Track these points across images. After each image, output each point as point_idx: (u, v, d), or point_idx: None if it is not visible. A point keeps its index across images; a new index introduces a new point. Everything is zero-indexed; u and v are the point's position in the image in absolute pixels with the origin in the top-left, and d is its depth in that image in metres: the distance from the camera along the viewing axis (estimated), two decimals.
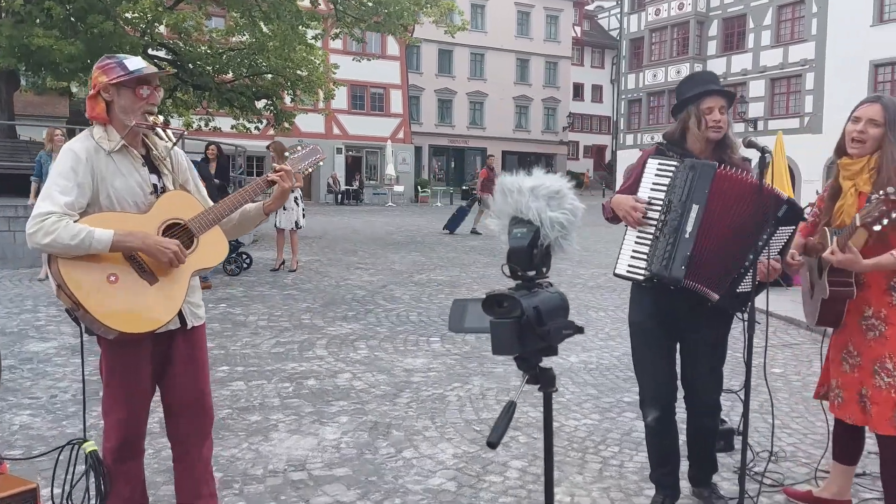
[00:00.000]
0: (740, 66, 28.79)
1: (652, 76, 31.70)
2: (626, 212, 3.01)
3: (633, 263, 3.03)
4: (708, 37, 30.19)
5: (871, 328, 2.86)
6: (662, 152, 3.11)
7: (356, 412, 4.67)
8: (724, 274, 2.94)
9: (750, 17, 28.51)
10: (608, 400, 5.01)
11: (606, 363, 5.98)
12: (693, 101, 3.04)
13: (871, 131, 2.84)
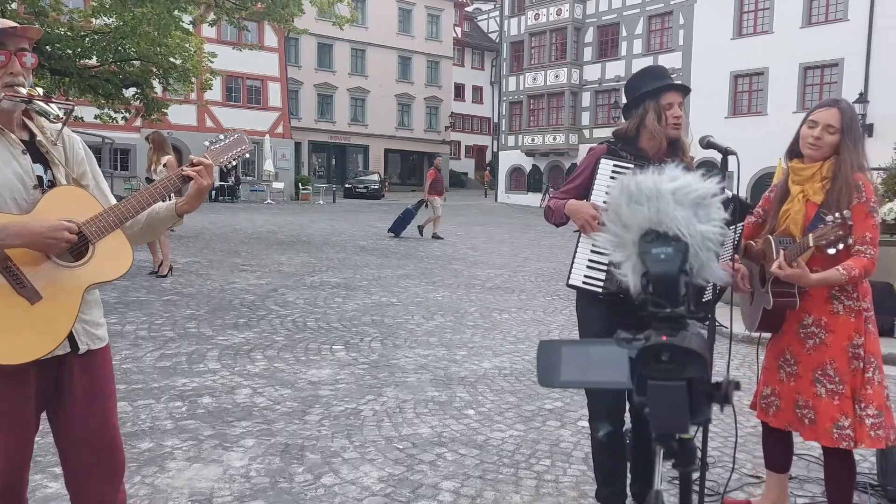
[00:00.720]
0: (614, 72, 30.01)
1: (532, 79, 32.39)
2: (586, 221, 2.79)
3: (591, 274, 2.82)
4: (584, 43, 31.25)
5: (811, 336, 2.81)
6: (615, 152, 2.91)
7: (263, 433, 4.20)
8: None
9: (623, 25, 29.78)
10: (530, 408, 4.82)
11: (520, 368, 5.81)
12: (652, 96, 2.86)
13: (827, 138, 2.77)
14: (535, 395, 5.12)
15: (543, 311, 8.32)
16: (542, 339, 6.68)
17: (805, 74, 24.03)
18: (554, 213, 2.97)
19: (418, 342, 6.59)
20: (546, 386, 0.85)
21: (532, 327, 7.45)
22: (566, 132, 31.22)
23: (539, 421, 4.57)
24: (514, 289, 9.90)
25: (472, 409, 4.76)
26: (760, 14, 25.45)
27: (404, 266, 11.71)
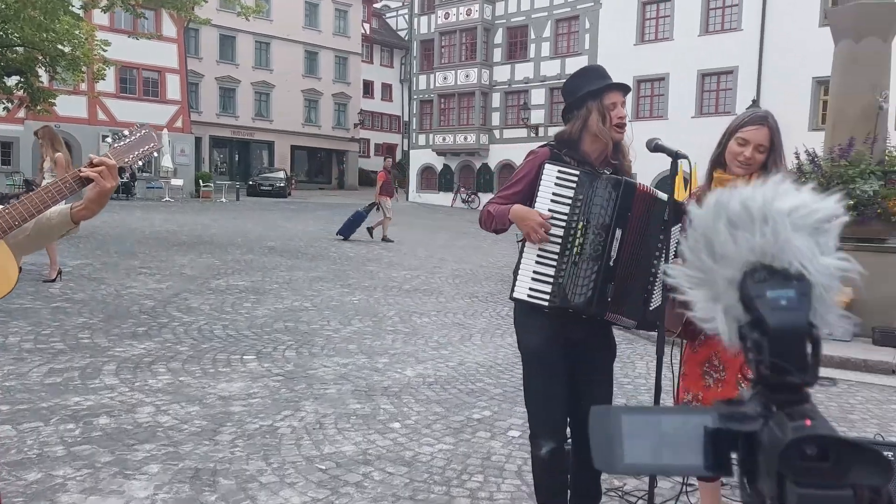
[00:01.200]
0: (523, 74, 30.40)
1: (443, 78, 32.36)
2: (532, 228, 2.61)
3: (537, 287, 2.64)
4: (494, 44, 31.49)
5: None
6: (558, 157, 2.74)
7: (169, 457, 3.81)
8: (640, 297, 2.67)
9: (531, 28, 30.20)
10: (458, 419, 4.63)
11: (445, 375, 5.61)
12: (595, 96, 2.71)
13: (757, 157, 2.69)
14: (462, 404, 4.93)
15: (464, 314, 8.17)
16: (464, 343, 6.57)
17: (703, 81, 25.10)
18: (495, 219, 2.77)
19: (336, 350, 6.28)
20: (606, 471, 0.63)
21: (453, 331, 7.27)
22: (477, 132, 31.37)
23: (468, 432, 4.39)
24: (433, 291, 9.71)
25: (398, 421, 4.53)
26: (661, 21, 26.39)
27: (317, 268, 11.30)
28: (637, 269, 2.67)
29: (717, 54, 24.22)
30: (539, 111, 29.70)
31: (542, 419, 2.85)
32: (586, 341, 2.80)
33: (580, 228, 2.59)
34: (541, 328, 2.76)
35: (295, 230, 17.23)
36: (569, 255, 2.60)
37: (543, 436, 2.84)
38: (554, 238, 2.63)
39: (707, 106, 25.07)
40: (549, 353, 2.76)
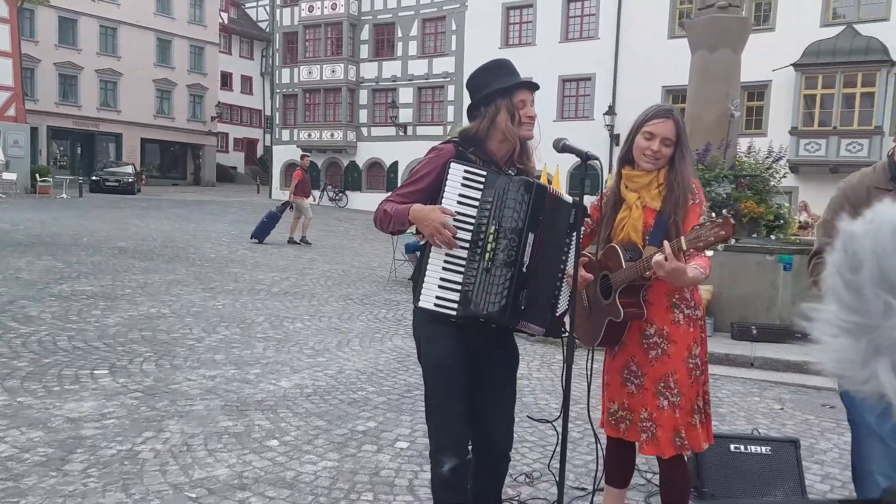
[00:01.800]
0: (391, 72, 30.16)
1: (307, 72, 31.41)
2: (437, 229, 2.39)
3: (444, 296, 2.44)
4: (361, 40, 31.01)
5: (654, 346, 2.71)
6: (464, 156, 2.55)
7: (8, 494, 3.27)
8: (548, 303, 2.54)
9: (398, 26, 30.02)
10: (341, 432, 4.35)
11: (324, 385, 5.30)
12: (505, 94, 2.54)
13: (664, 150, 2.67)
14: (344, 415, 4.65)
15: (339, 318, 7.84)
16: (342, 349, 6.26)
17: (563, 86, 26.05)
18: (393, 218, 2.53)
19: (202, 361, 5.78)
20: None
21: (330, 336, 6.94)
22: (344, 129, 30.75)
23: (353, 446, 4.12)
24: (304, 294, 9.28)
25: (276, 438, 4.18)
26: (524, 27, 27.11)
27: (174, 270, 10.51)
28: (546, 274, 2.54)
29: (577, 61, 25.23)
30: (407, 110, 29.61)
31: (444, 435, 2.66)
32: (490, 349, 2.65)
33: (492, 233, 2.42)
34: (445, 338, 2.56)
35: (148, 229, 16.03)
36: (479, 262, 2.42)
37: (446, 452, 2.64)
38: (462, 243, 2.44)
39: (568, 110, 26.05)
40: (453, 364, 2.57)
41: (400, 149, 28.97)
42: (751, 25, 9.01)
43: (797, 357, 6.38)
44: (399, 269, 11.31)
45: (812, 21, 21.44)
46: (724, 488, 3.56)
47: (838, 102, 20.55)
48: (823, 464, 4.17)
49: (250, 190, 39.14)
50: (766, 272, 7.29)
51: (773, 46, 20.45)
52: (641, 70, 23.58)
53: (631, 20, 24.39)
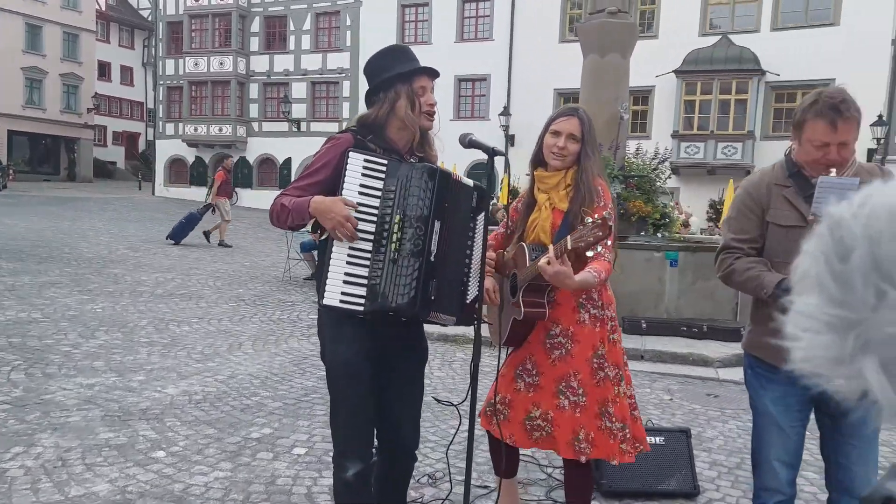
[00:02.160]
0: (283, 66, 29.35)
1: (194, 64, 30.05)
2: (339, 223, 2.28)
3: (350, 291, 2.32)
4: (251, 32, 30.00)
5: (557, 346, 2.71)
6: (363, 144, 2.45)
7: None
8: (457, 291, 2.47)
9: (291, 19, 29.26)
10: (233, 440, 4.13)
11: (215, 391, 5.03)
12: (405, 80, 2.45)
13: (570, 146, 2.71)
14: (237, 422, 4.42)
15: (230, 320, 7.49)
16: (233, 353, 5.96)
17: (460, 86, 26.27)
18: (291, 212, 2.39)
19: (79, 368, 5.35)
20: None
21: (220, 340, 6.61)
22: (233, 123, 29.63)
23: (248, 455, 3.92)
24: (191, 295, 8.83)
25: (162, 449, 3.91)
26: (420, 25, 27.12)
27: (47, 272, 9.74)
28: (454, 262, 2.48)
29: (472, 61, 25.50)
30: (300, 105, 28.94)
31: (349, 438, 2.54)
32: (399, 344, 2.56)
33: (397, 222, 2.32)
34: (351, 337, 2.45)
35: (17, 228, 14.83)
36: (385, 253, 2.32)
37: (350, 456, 2.53)
38: (365, 235, 2.34)
39: (464, 110, 26.29)
40: (359, 365, 2.47)
41: (293, 145, 28.26)
42: (638, 32, 9.36)
43: (683, 349, 6.68)
44: (294, 269, 11.00)
45: (691, 30, 22.68)
46: (621, 480, 3.64)
47: (715, 108, 21.84)
48: (711, 451, 4.35)
49: (131, 186, 37.05)
50: (654, 268, 7.59)
51: (657, 53, 21.47)
52: (535, 72, 24.15)
53: (524, 23, 24.92)
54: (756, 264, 2.40)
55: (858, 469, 2.41)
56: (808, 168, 2.34)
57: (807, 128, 2.28)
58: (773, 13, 21.87)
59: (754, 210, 2.45)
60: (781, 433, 2.46)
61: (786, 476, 2.48)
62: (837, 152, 2.25)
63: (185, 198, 30.23)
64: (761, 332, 2.49)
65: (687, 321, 7.30)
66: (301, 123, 28.72)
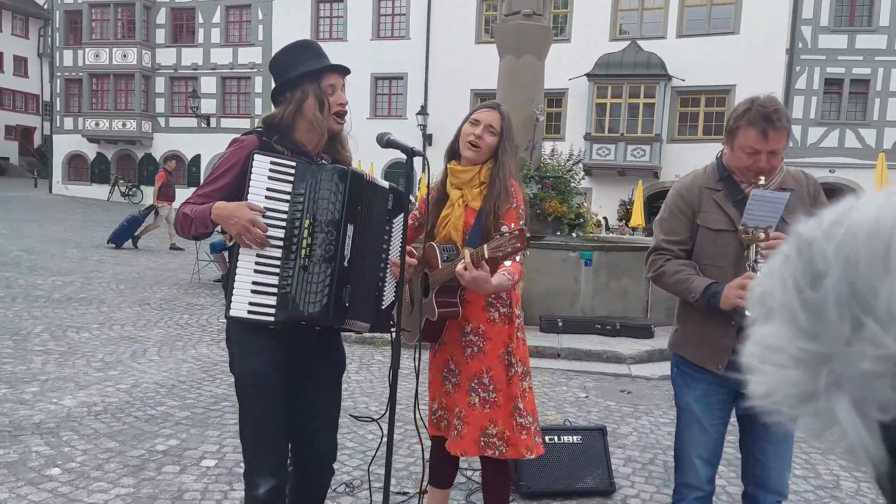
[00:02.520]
0: (191, 59, 28.22)
1: (94, 56, 28.49)
2: (244, 228, 2.15)
3: (259, 301, 2.20)
4: (156, 24, 28.74)
5: (470, 344, 2.71)
6: (269, 145, 2.33)
7: None
8: (372, 296, 2.39)
9: (199, 11, 28.22)
10: (137, 453, 3.89)
11: (116, 402, 4.74)
12: (313, 78, 2.35)
13: (487, 138, 2.68)
14: (141, 434, 4.18)
15: (134, 326, 7.10)
16: (137, 360, 5.64)
17: (376, 84, 26.03)
18: (194, 222, 2.24)
19: None
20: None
21: (123, 347, 6.25)
22: (138, 118, 28.28)
23: (152, 468, 3.70)
24: (92, 299, 8.34)
25: (58, 466, 3.65)
26: (335, 21, 26.70)
27: None
28: (368, 267, 2.39)
29: (389, 59, 25.34)
30: (210, 101, 27.97)
31: (260, 454, 2.42)
32: (313, 353, 2.45)
33: (307, 227, 2.22)
34: (260, 347, 2.32)
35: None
36: (296, 260, 2.21)
37: (262, 472, 2.40)
38: (274, 241, 2.22)
39: (380, 109, 26.08)
40: (269, 376, 2.34)
41: (203, 141, 27.26)
42: (552, 34, 9.50)
43: (597, 347, 6.81)
44: (203, 271, 10.59)
45: (602, 35, 23.31)
46: (539, 480, 3.65)
47: (625, 111, 22.53)
48: (625, 447, 4.43)
49: (26, 184, 34.83)
50: (570, 268, 7.71)
51: (570, 57, 21.95)
52: (451, 72, 24.24)
53: (440, 23, 24.97)
54: (685, 267, 2.43)
55: (774, 465, 2.49)
56: (739, 173, 2.38)
57: (739, 134, 2.31)
58: (679, 20, 22.76)
59: (685, 212, 2.48)
60: (703, 431, 2.50)
61: (706, 473, 2.53)
62: (767, 160, 2.29)
63: (86, 196, 28.71)
64: (686, 332, 2.53)
65: (601, 319, 7.45)
66: (211, 119, 27.77)
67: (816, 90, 21.87)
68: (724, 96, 22.26)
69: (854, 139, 21.66)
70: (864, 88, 21.61)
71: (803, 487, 3.95)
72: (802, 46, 21.86)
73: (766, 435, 2.46)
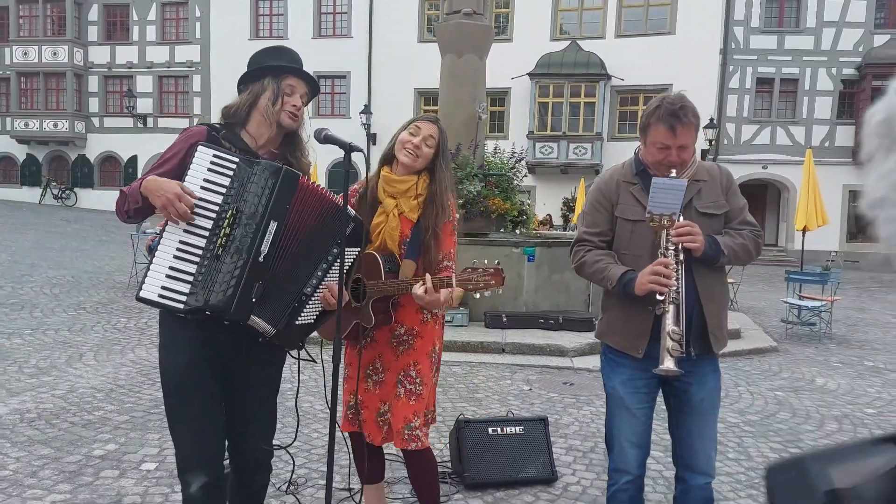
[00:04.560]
0: (126, 58, 27.36)
1: (22, 54, 27.43)
2: (169, 200, 2.14)
3: (172, 286, 2.17)
4: (88, 21, 27.82)
5: (403, 343, 2.77)
6: (217, 140, 2.33)
7: None
8: (288, 304, 2.37)
9: (133, 8, 27.42)
10: (73, 459, 3.80)
11: (51, 408, 4.60)
12: (276, 73, 2.38)
13: (425, 149, 2.71)
14: (77, 440, 4.08)
15: (69, 330, 6.89)
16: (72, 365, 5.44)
17: (319, 83, 25.70)
18: (128, 197, 2.24)
19: None
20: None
21: (58, 352, 6.06)
22: (71, 119, 27.33)
23: (90, 474, 3.62)
24: (24, 304, 8.06)
25: None
26: (275, 19, 26.31)
27: None
28: (294, 273, 2.37)
29: (331, 58, 25.10)
30: (147, 100, 27.22)
31: (191, 451, 2.38)
32: (244, 353, 2.44)
33: (229, 217, 2.21)
34: (185, 344, 2.31)
35: None
36: (213, 248, 2.20)
37: (192, 470, 2.37)
38: (201, 230, 2.21)
39: (324, 108, 25.84)
40: (197, 373, 2.32)
41: (139, 142, 26.53)
42: (493, 33, 9.60)
43: (541, 340, 6.93)
44: (141, 273, 10.33)
45: (543, 35, 23.64)
46: (482, 471, 3.71)
47: (566, 110, 22.90)
48: (567, 437, 4.53)
49: None
50: (513, 264, 7.82)
51: (512, 56, 22.19)
52: (395, 71, 24.20)
53: (383, 21, 24.90)
54: (604, 257, 2.53)
55: (699, 445, 2.59)
56: (653, 168, 2.49)
57: (650, 131, 2.42)
58: (617, 21, 23.26)
59: (605, 205, 2.58)
60: (630, 416, 2.59)
61: (634, 457, 2.61)
62: (677, 154, 2.41)
63: (15, 199, 27.61)
64: (609, 319, 2.62)
65: (543, 313, 7.58)
66: (147, 119, 27.04)
67: (749, 89, 22.65)
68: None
69: (784, 136, 22.52)
70: (794, 87, 22.48)
71: (735, 469, 4.12)
72: (735, 47, 22.61)
73: (691, 417, 2.56)
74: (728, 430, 4.84)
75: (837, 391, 6.11)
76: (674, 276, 2.32)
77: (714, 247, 2.41)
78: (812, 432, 4.89)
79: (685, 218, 2.43)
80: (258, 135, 2.39)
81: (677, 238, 2.35)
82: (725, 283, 2.66)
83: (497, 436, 3.83)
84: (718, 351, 2.52)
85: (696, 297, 2.44)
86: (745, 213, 2.57)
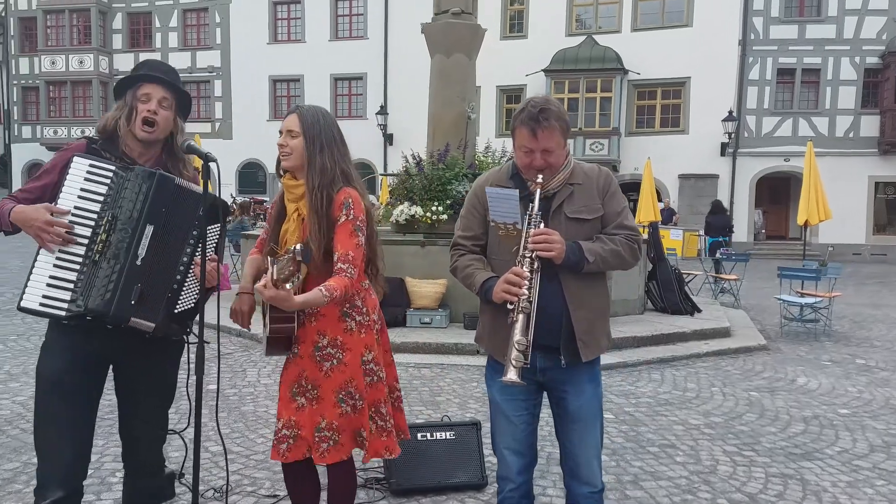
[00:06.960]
0: None
1: (51, 63, 28.24)
2: (40, 228, 2.21)
3: (52, 294, 2.24)
4: (113, 29, 28.51)
5: (328, 358, 2.56)
6: (95, 151, 2.41)
7: None
8: (163, 298, 2.39)
9: (156, 16, 28.03)
10: (11, 467, 3.86)
11: (7, 414, 4.71)
12: (131, 84, 2.42)
13: (291, 143, 2.55)
14: (22, 446, 4.14)
15: None
16: None
17: (336, 84, 25.98)
18: (0, 219, 2.30)
19: None
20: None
21: (33, 358, 6.20)
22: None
23: (22, 483, 3.67)
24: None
25: None
26: (293, 23, 26.61)
27: None
28: (163, 267, 2.39)
29: (348, 60, 25.30)
30: None
31: (47, 463, 2.39)
32: (130, 357, 2.46)
33: (105, 224, 2.28)
34: (62, 349, 2.35)
35: None
36: (91, 255, 2.26)
37: (49, 485, 2.36)
38: (81, 239, 2.28)
39: (341, 109, 26.03)
40: (67, 380, 2.35)
41: None
42: (483, 33, 9.51)
43: None
44: None
45: (558, 31, 23.43)
46: (410, 477, 3.67)
47: (582, 106, 22.67)
48: None
49: None
50: None
51: (527, 52, 22.05)
52: (410, 71, 24.22)
53: (397, 22, 24.96)
54: (475, 262, 2.48)
55: (579, 453, 2.51)
56: (522, 171, 2.42)
57: (516, 134, 2.36)
58: (633, 14, 22.94)
59: (478, 209, 2.52)
60: (509, 423, 2.53)
61: (516, 465, 2.54)
62: (542, 158, 2.32)
63: None
64: (483, 324, 2.58)
65: None
66: None
67: (769, 80, 22.15)
68: (680, 89, 22.49)
69: (807, 128, 21.96)
70: (816, 77, 21.92)
71: (679, 473, 4.02)
72: (754, 37, 22.12)
73: (571, 425, 2.49)
74: (686, 432, 4.73)
75: (816, 391, 5.93)
76: (525, 286, 2.25)
77: (577, 253, 2.33)
78: (774, 434, 4.75)
79: (553, 223, 2.36)
80: (132, 149, 2.46)
81: (533, 246, 2.29)
82: (602, 289, 2.53)
83: (427, 441, 3.79)
84: (588, 358, 2.43)
85: (564, 304, 2.37)
86: (624, 217, 2.47)
